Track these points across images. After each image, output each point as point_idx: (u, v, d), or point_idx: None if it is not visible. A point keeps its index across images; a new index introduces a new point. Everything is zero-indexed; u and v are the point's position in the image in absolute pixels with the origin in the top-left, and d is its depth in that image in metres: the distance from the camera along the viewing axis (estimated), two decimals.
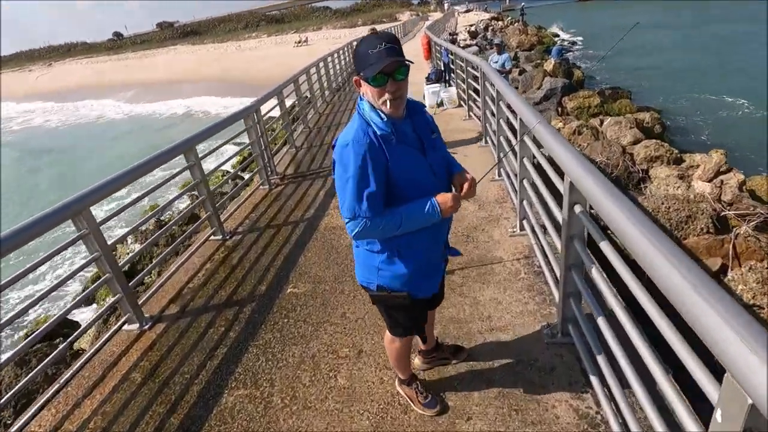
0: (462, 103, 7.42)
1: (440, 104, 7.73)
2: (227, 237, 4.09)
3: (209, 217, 4.01)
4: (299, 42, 43.16)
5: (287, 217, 4.40)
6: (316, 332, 2.65)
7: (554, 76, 12.91)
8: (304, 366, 2.40)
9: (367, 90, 1.42)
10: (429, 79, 8.34)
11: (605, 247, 1.71)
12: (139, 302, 3.05)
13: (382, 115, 1.44)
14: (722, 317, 0.81)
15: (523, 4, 38.68)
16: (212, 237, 4.08)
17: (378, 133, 1.43)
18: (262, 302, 3.04)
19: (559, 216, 2.29)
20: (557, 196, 2.42)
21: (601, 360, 1.90)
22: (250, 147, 5.06)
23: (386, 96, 1.39)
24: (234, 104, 20.77)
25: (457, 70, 7.59)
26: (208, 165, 4.28)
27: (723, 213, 4.66)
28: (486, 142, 5.38)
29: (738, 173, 5.61)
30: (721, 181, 5.53)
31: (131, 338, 2.87)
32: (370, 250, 1.61)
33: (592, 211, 1.83)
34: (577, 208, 1.91)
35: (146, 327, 2.94)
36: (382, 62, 1.33)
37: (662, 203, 4.69)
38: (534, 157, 2.90)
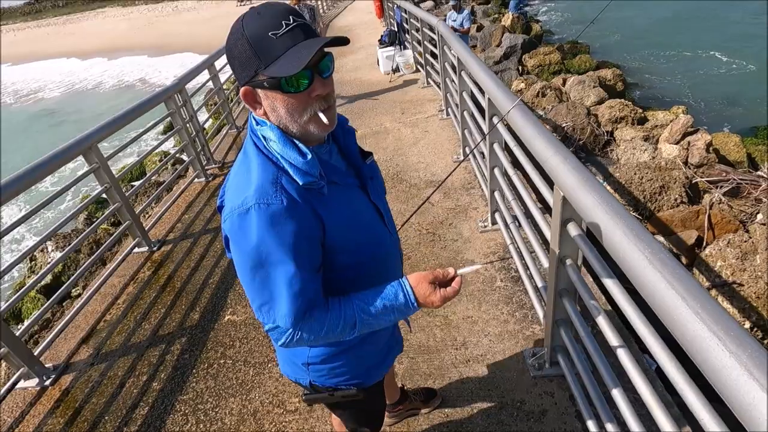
0: (419, 67, 6.80)
1: (396, 70, 7.08)
2: (154, 248, 3.47)
3: (129, 227, 3.36)
4: (242, 0, 39.90)
5: None
6: (259, 377, 2.18)
7: (513, 32, 12.37)
8: (243, 428, 1.95)
9: (276, 104, 0.82)
10: (382, 42, 7.61)
11: (601, 270, 1.34)
12: (36, 352, 2.46)
13: (303, 147, 0.85)
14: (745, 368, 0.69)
15: None
16: (136, 249, 3.45)
17: (300, 181, 0.84)
18: (194, 336, 2.52)
19: (544, 227, 1.88)
20: (535, 189, 2.03)
21: (597, 402, 1.57)
22: (177, 134, 4.32)
23: (315, 106, 0.83)
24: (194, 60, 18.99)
25: (413, 31, 6.91)
26: (127, 160, 3.56)
27: (695, 180, 4.46)
28: (448, 114, 4.88)
29: (705, 133, 5.43)
30: (689, 143, 5.34)
31: (29, 397, 2.30)
32: None
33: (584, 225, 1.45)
34: (571, 228, 1.48)
35: (47, 383, 2.38)
36: (304, 50, 0.76)
37: (635, 173, 4.43)
38: (506, 142, 2.46)
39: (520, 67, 10.75)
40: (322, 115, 0.83)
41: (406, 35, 7.56)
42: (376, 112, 5.59)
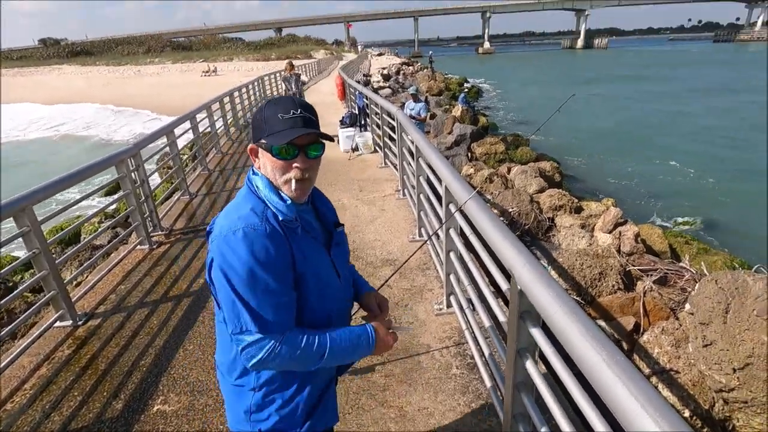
0: (378, 149, 7.17)
1: (355, 149, 7.41)
2: (80, 322, 3.11)
3: (53, 297, 3.02)
4: (207, 72, 41.20)
5: (169, 288, 3.54)
6: None
7: (462, 122, 13.55)
8: None
9: (267, 163, 1.09)
10: (343, 123, 8.02)
11: (558, 365, 1.37)
12: None
13: (284, 195, 1.10)
14: None
15: (431, 52, 41.45)
16: (58, 323, 3.07)
17: (280, 217, 1.07)
18: (114, 431, 2.19)
19: (500, 314, 1.91)
20: (490, 275, 2.09)
21: None
22: (124, 198, 4.12)
23: (292, 173, 1.08)
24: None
25: (372, 115, 7.38)
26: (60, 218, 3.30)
27: (628, 268, 4.82)
28: (404, 194, 5.08)
29: (633, 225, 5.99)
30: (620, 233, 5.84)
31: None
32: (240, 384, 1.16)
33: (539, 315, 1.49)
34: (528, 321, 1.52)
35: None
36: (296, 131, 1.05)
37: (576, 259, 4.72)
38: (461, 228, 2.56)
39: (469, 154, 11.62)
40: (292, 183, 1.07)
41: (367, 119, 8.05)
42: (335, 188, 5.71)
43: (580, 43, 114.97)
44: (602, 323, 4.26)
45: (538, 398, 1.61)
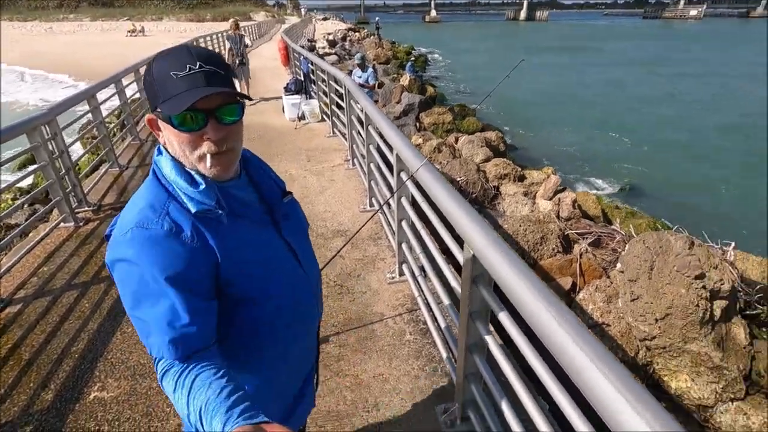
0: (325, 117, 6.94)
1: (301, 117, 7.12)
2: None
3: None
4: (134, 31, 37.49)
5: (101, 267, 3.25)
6: None
7: (410, 92, 13.45)
8: None
9: (171, 137, 0.86)
10: (288, 90, 7.65)
11: (510, 326, 1.41)
12: None
13: (197, 177, 0.87)
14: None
15: (377, 19, 40.32)
16: None
17: (192, 209, 0.84)
18: (45, 424, 2.02)
19: (452, 280, 1.94)
20: (443, 242, 2.11)
21: None
22: (42, 171, 3.67)
23: (204, 147, 0.85)
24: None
25: (319, 82, 7.09)
26: None
27: (566, 232, 5.12)
28: (354, 164, 4.98)
29: (570, 192, 6.34)
30: (559, 199, 6.17)
31: None
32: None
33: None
34: (481, 285, 1.55)
35: None
36: (198, 92, 0.80)
37: (520, 226, 4.94)
38: (413, 195, 2.55)
39: (417, 124, 11.62)
40: (207, 159, 0.85)
41: (312, 85, 7.73)
42: (282, 158, 5.48)
43: (522, 14, 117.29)
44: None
45: (490, 358, 1.67)
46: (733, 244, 4.65)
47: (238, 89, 0.93)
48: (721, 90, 18.98)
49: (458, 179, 6.83)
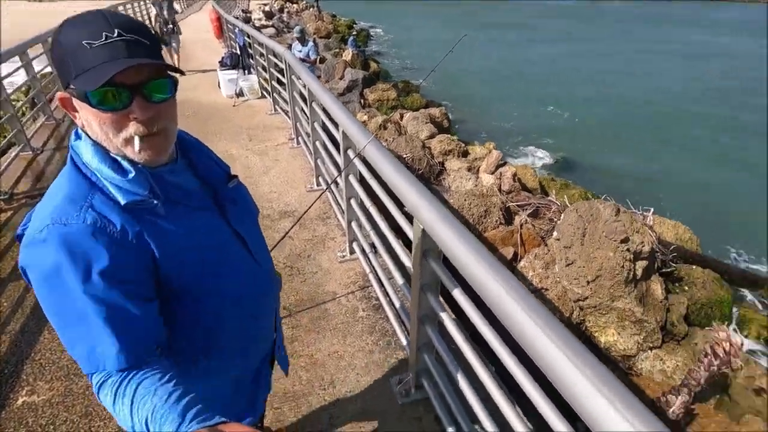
0: (265, 94, 6.64)
1: (240, 94, 6.76)
2: None
3: None
4: None
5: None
6: None
7: (354, 67, 13.20)
8: None
9: (89, 118, 0.74)
10: (224, 65, 7.20)
11: (459, 296, 1.47)
12: None
13: (125, 164, 0.77)
14: (597, 388, 0.83)
15: None
16: None
17: (122, 200, 0.74)
18: None
19: (403, 255, 1.97)
20: (392, 218, 2.13)
21: (461, 420, 1.69)
22: None
23: (131, 129, 0.74)
24: None
25: (257, 56, 6.73)
26: None
27: (508, 205, 5.37)
28: (298, 142, 4.84)
29: (511, 166, 6.62)
30: (500, 173, 6.43)
31: None
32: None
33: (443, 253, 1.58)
34: (431, 258, 1.58)
35: None
36: (117, 64, 0.69)
37: (465, 200, 5.10)
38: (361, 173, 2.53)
39: (362, 100, 11.48)
40: (136, 142, 0.74)
41: (250, 60, 7.33)
42: (220, 137, 5.19)
43: None
44: None
45: (442, 328, 1.73)
46: (651, 210, 5.13)
47: (168, 62, 0.84)
48: (645, 66, 20.44)
49: (405, 156, 6.88)
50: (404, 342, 2.19)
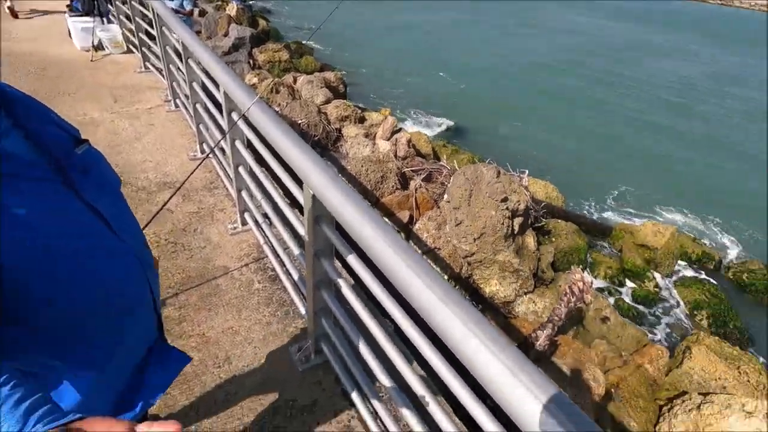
0: (132, 48, 5.76)
1: (99, 47, 5.76)
2: None
3: None
4: None
5: None
6: None
7: (239, 24, 12.11)
8: None
9: None
10: (74, 10, 6.03)
11: (353, 260, 1.49)
12: None
13: None
14: (471, 330, 0.89)
15: None
16: None
17: None
18: None
19: (296, 223, 1.91)
20: (283, 185, 2.05)
21: (359, 377, 1.76)
22: None
23: None
24: None
25: (119, 3, 5.75)
26: None
27: (403, 170, 5.54)
28: (177, 105, 4.33)
29: (405, 132, 6.80)
30: (396, 140, 6.58)
31: None
32: None
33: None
34: (323, 224, 1.56)
35: None
36: None
37: (362, 166, 5.13)
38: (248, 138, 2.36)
39: (251, 61, 10.66)
40: None
41: (110, 5, 6.26)
42: (77, 98, 4.41)
43: None
44: (386, 219, 4.89)
45: (338, 293, 1.74)
46: (527, 171, 5.73)
47: None
48: (523, 40, 22.23)
49: (299, 122, 6.64)
50: (303, 310, 2.17)
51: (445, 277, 4.22)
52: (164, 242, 2.62)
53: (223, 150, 3.00)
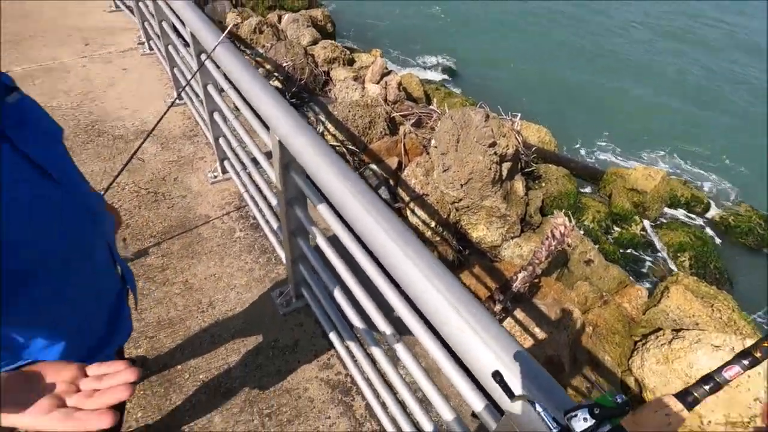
0: None
1: None
2: None
3: None
4: None
5: None
6: None
7: None
8: None
9: None
10: None
11: (324, 211, 1.49)
12: None
13: None
14: (432, 284, 0.92)
15: None
16: None
17: None
18: None
19: (270, 171, 1.88)
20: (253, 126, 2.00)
21: (336, 320, 1.83)
22: None
23: None
24: None
25: None
26: None
27: (392, 115, 5.40)
28: (150, 48, 4.11)
29: (396, 75, 6.55)
30: (386, 83, 6.35)
31: None
32: None
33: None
34: (293, 172, 1.54)
35: None
36: None
37: (349, 111, 4.99)
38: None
39: None
40: None
41: None
42: (42, 42, 4.16)
43: None
44: (374, 166, 4.84)
45: (313, 241, 1.76)
46: (519, 115, 5.60)
47: None
48: None
49: (285, 64, 6.36)
50: (283, 257, 2.20)
51: (433, 223, 4.26)
52: (144, 192, 2.60)
53: (198, 95, 2.90)
